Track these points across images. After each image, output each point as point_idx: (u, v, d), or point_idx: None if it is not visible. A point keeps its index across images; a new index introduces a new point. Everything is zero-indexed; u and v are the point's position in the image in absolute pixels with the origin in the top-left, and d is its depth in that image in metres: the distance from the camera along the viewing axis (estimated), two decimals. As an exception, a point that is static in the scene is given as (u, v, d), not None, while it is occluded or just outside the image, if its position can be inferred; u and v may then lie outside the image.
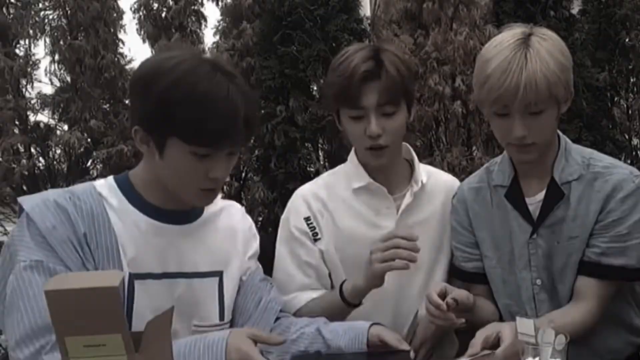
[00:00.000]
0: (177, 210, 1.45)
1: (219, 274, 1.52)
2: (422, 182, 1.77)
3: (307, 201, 1.78)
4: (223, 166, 1.39)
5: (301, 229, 1.77)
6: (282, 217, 1.83)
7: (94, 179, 2.65)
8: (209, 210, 1.53)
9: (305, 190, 1.82)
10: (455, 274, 1.79)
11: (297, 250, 1.76)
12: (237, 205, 1.67)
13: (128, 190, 1.44)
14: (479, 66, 1.56)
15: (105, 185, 1.44)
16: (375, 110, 1.66)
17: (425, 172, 1.82)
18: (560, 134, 1.66)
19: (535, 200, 1.64)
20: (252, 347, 1.33)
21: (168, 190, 1.42)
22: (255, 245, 1.64)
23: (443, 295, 1.51)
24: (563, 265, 1.62)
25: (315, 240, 1.77)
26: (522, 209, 1.64)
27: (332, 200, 1.78)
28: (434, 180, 1.83)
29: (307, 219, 1.77)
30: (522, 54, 1.49)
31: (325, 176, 1.88)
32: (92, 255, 1.36)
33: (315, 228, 1.77)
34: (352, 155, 1.80)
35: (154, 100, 1.32)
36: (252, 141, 4.53)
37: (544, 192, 1.63)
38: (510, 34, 1.55)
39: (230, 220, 1.58)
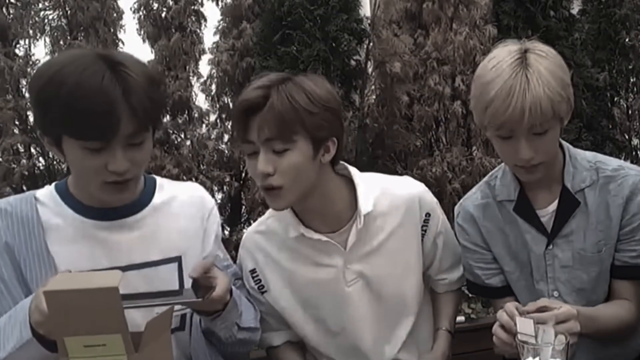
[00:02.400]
0: (111, 208, 1.45)
1: (177, 260, 1.51)
2: (365, 215, 1.63)
3: (251, 253, 1.70)
4: (122, 157, 1.34)
5: (250, 285, 1.71)
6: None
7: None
8: (158, 198, 1.52)
9: (248, 241, 1.72)
10: (480, 293, 1.77)
11: (255, 301, 1.72)
12: (196, 187, 1.65)
13: (64, 193, 1.45)
14: (479, 90, 1.51)
15: (45, 191, 1.47)
16: (264, 146, 1.50)
17: (372, 194, 1.66)
18: (561, 140, 1.64)
19: (547, 212, 1.62)
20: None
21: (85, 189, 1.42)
22: (216, 227, 1.60)
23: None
24: (597, 273, 1.61)
25: (263, 292, 1.70)
26: (535, 221, 1.62)
27: (275, 248, 1.68)
28: (389, 198, 1.68)
29: (252, 271, 1.70)
30: (523, 75, 1.45)
31: (268, 221, 1.73)
32: (17, 260, 1.38)
33: (260, 281, 1.69)
34: None
35: (35, 103, 1.34)
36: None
37: (555, 202, 1.61)
38: (506, 52, 1.51)
39: (187, 204, 1.57)
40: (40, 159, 4.73)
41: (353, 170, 1.69)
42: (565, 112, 1.53)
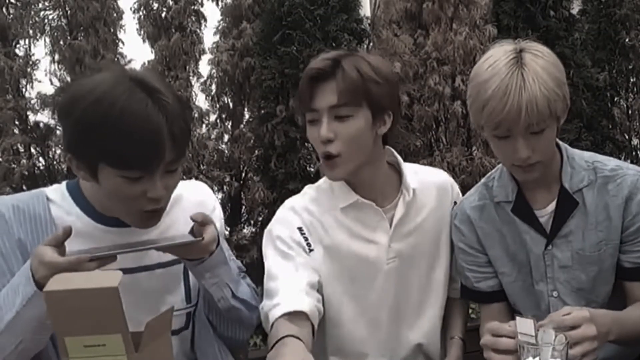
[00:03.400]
0: None
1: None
2: (413, 190, 1.69)
3: (299, 213, 1.69)
4: (160, 185, 1.34)
5: (295, 239, 1.66)
6: (268, 229, 1.71)
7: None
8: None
9: (294, 203, 1.72)
10: (469, 297, 1.77)
11: (290, 258, 1.65)
12: (200, 186, 1.65)
13: (77, 195, 1.44)
14: (476, 89, 1.51)
15: (56, 190, 1.46)
16: (328, 113, 1.56)
17: (413, 174, 1.73)
18: (558, 140, 1.64)
19: (546, 212, 1.62)
20: (47, 249, 1.27)
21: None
22: (219, 225, 1.60)
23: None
24: (596, 273, 1.60)
25: (310, 251, 1.66)
26: (533, 222, 1.62)
27: (322, 214, 1.68)
28: (423, 180, 1.75)
29: (300, 229, 1.67)
30: (519, 74, 1.46)
31: (311, 191, 1.75)
32: (29, 258, 1.36)
33: (308, 239, 1.67)
34: None
35: (74, 128, 1.30)
36: (251, 141, 4.53)
37: (554, 202, 1.61)
38: (502, 51, 1.51)
39: (193, 203, 1.57)
40: (40, 159, 4.73)
41: (394, 152, 1.76)
42: (562, 110, 1.53)
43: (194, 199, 1.59)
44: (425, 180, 1.76)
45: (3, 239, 1.38)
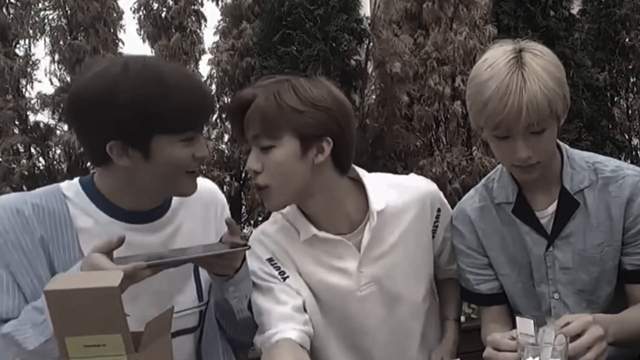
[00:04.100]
0: (141, 211, 1.46)
1: None
2: (377, 213, 1.61)
3: (265, 244, 1.64)
4: (204, 144, 1.45)
5: (267, 271, 1.61)
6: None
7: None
8: (176, 198, 1.53)
9: (262, 233, 1.67)
10: (469, 299, 1.75)
11: (268, 290, 1.60)
12: (208, 184, 1.66)
13: (93, 192, 1.45)
14: (475, 90, 1.49)
15: (70, 187, 1.46)
16: (254, 144, 1.53)
17: (383, 192, 1.64)
18: (558, 141, 1.63)
19: (547, 213, 1.61)
20: (101, 257, 1.28)
21: (141, 193, 1.43)
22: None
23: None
24: (598, 274, 1.60)
25: (285, 278, 1.61)
26: (534, 223, 1.61)
27: (289, 245, 1.64)
28: (400, 196, 1.66)
29: (269, 259, 1.62)
30: (519, 73, 1.44)
31: (280, 219, 1.68)
32: (50, 256, 1.37)
33: (280, 268, 1.62)
34: None
35: (123, 110, 1.31)
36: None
37: (554, 203, 1.60)
38: (501, 52, 1.50)
39: (202, 201, 1.57)
40: (40, 159, 4.74)
41: (361, 172, 1.68)
42: (562, 110, 1.52)
43: (203, 198, 1.59)
44: (402, 196, 1.67)
45: (24, 237, 1.37)
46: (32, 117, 4.72)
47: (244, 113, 1.53)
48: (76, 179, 1.48)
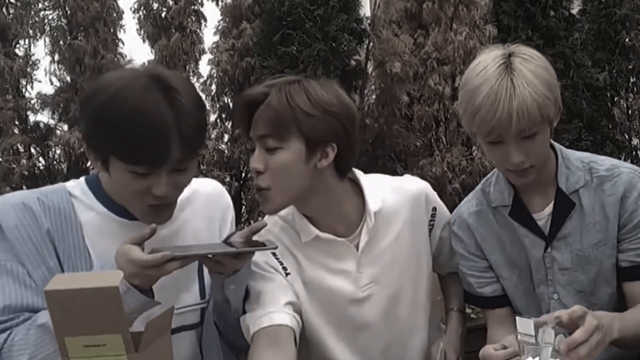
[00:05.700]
0: None
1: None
2: (374, 213, 1.62)
3: (271, 240, 1.63)
4: (165, 183, 1.35)
5: (270, 264, 1.61)
6: None
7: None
8: (183, 194, 1.53)
9: (265, 232, 1.64)
10: (473, 302, 1.75)
11: (268, 279, 1.60)
12: (212, 184, 1.66)
13: (97, 190, 1.47)
14: (466, 97, 1.50)
15: (76, 185, 1.48)
16: (259, 143, 1.51)
17: (379, 193, 1.65)
18: (552, 142, 1.64)
19: (543, 215, 1.61)
20: (133, 247, 1.30)
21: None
22: (231, 220, 1.62)
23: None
24: (596, 274, 1.60)
25: (287, 274, 1.62)
26: (531, 225, 1.61)
27: (292, 246, 1.64)
28: (396, 196, 1.67)
29: (274, 254, 1.62)
30: (508, 79, 1.44)
31: (280, 221, 1.68)
32: (56, 250, 1.39)
33: (283, 263, 1.62)
34: None
35: (90, 120, 1.33)
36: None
37: (551, 204, 1.60)
38: (491, 57, 1.50)
39: (208, 199, 1.58)
40: (40, 159, 4.74)
41: (358, 173, 1.68)
42: (554, 113, 1.52)
43: (209, 197, 1.60)
44: (398, 196, 1.68)
45: (34, 231, 1.40)
46: (32, 117, 4.73)
47: (254, 111, 1.51)
48: (82, 178, 1.51)
